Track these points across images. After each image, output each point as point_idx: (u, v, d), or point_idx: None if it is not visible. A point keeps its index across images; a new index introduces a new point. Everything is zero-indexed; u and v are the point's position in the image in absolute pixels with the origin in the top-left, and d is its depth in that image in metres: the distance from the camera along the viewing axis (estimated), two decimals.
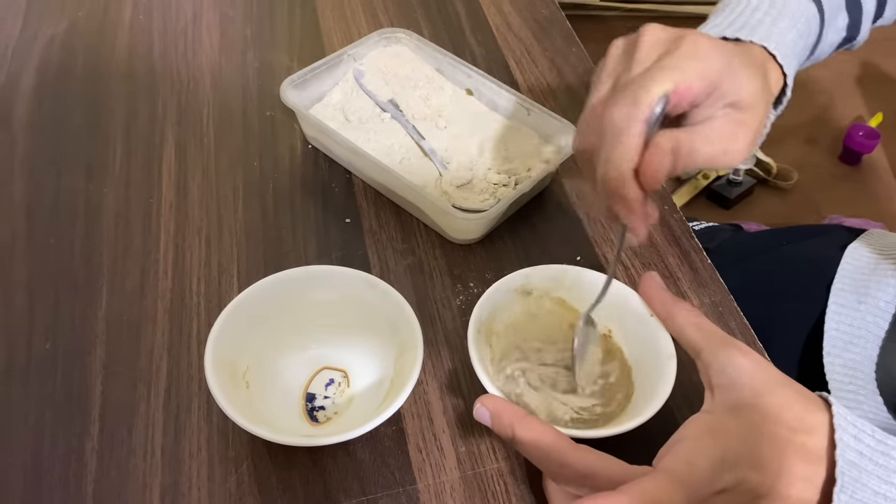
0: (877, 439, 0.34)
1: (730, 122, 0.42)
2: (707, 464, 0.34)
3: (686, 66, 0.40)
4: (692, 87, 0.40)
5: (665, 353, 0.44)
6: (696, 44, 0.41)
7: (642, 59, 0.41)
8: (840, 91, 1.85)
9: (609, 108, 0.40)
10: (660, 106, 0.39)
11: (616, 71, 0.42)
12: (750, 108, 0.42)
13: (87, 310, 0.52)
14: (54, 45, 0.73)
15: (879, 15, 0.57)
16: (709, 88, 0.41)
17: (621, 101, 0.39)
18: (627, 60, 0.42)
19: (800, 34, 0.48)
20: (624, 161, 0.39)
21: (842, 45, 0.56)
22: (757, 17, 0.47)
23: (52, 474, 0.44)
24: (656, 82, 0.39)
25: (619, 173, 0.39)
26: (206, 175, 0.61)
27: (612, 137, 0.39)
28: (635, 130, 0.39)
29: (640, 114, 0.39)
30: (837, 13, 0.53)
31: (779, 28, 0.46)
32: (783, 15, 0.47)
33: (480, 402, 0.39)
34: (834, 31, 0.54)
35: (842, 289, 0.60)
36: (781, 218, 1.58)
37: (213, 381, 0.42)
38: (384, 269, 0.55)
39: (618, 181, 0.40)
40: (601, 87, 0.42)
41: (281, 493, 0.44)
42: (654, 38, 0.42)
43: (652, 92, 0.39)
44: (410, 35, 0.68)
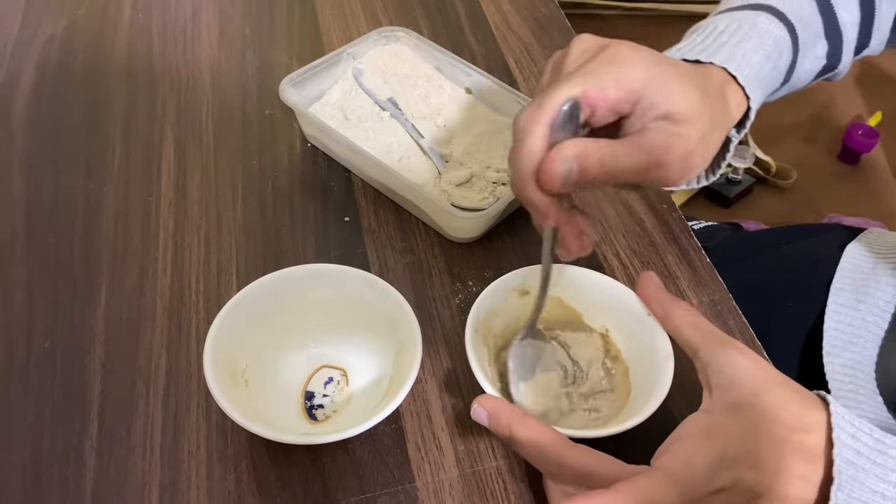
0: (874, 438, 0.34)
1: (663, 134, 0.41)
2: (704, 463, 0.34)
3: (601, 71, 0.40)
4: (606, 93, 0.39)
5: (663, 353, 0.44)
6: (617, 52, 0.41)
7: (567, 68, 0.41)
8: (839, 90, 1.85)
9: (518, 115, 0.40)
10: (565, 108, 0.39)
11: (544, 82, 0.43)
12: (687, 122, 0.41)
13: (86, 308, 0.52)
14: (53, 44, 0.73)
15: (864, 45, 0.56)
16: (630, 96, 0.40)
17: (528, 107, 0.40)
18: (556, 72, 0.42)
19: (767, 56, 0.47)
20: (523, 163, 0.39)
21: (822, 74, 0.55)
22: (721, 40, 0.46)
23: (50, 473, 0.44)
24: (562, 87, 0.39)
25: (520, 175, 0.39)
26: (205, 173, 0.61)
27: (518, 139, 0.40)
28: (537, 133, 0.39)
29: (541, 116, 0.39)
30: (816, 40, 0.52)
31: (742, 49, 0.46)
32: (749, 37, 0.46)
33: (478, 403, 0.39)
34: (812, 59, 0.53)
35: (841, 288, 0.60)
36: (780, 217, 1.58)
37: (212, 379, 0.42)
38: (383, 267, 0.55)
39: (519, 183, 0.40)
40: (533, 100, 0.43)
41: (280, 491, 0.44)
42: (581, 47, 0.42)
43: (556, 96, 0.39)
44: (410, 34, 0.68)
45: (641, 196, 0.61)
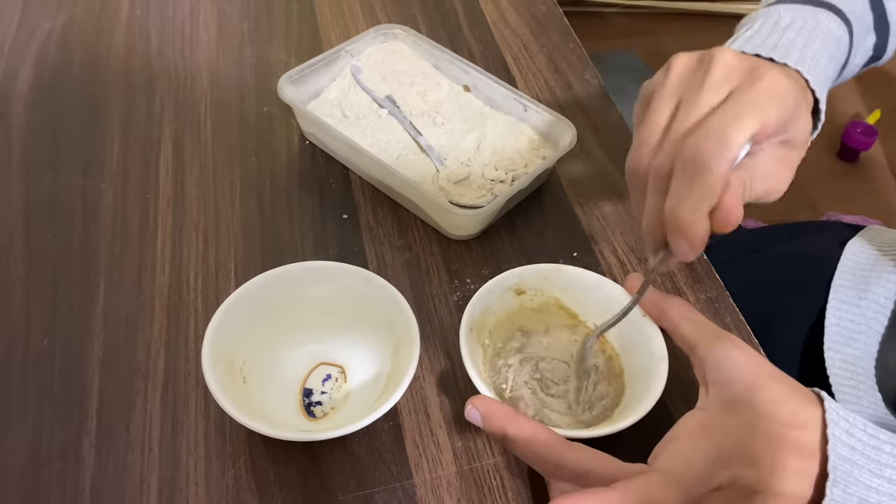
0: (868, 433, 0.34)
1: (777, 160, 0.41)
2: (702, 461, 0.34)
3: (769, 106, 0.38)
4: (772, 129, 0.38)
5: (657, 355, 0.44)
6: (777, 82, 0.39)
7: (716, 86, 0.39)
8: (838, 88, 1.85)
9: (693, 141, 0.37)
10: (747, 147, 0.37)
11: (679, 91, 0.40)
12: (796, 148, 0.41)
13: (84, 305, 0.52)
14: (51, 41, 0.73)
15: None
16: (780, 131, 0.39)
17: (709, 137, 0.37)
18: (695, 82, 0.39)
19: (831, 57, 0.46)
20: (704, 201, 0.37)
21: (868, 65, 0.55)
22: (789, 37, 0.44)
23: (49, 469, 0.44)
24: (746, 120, 0.37)
25: (695, 213, 0.37)
26: (203, 171, 0.61)
27: (693, 173, 0.37)
28: (721, 171, 0.37)
29: (729, 154, 0.37)
30: (866, 34, 0.51)
31: (811, 50, 0.44)
32: (815, 37, 0.45)
33: (471, 403, 0.39)
34: (863, 52, 0.52)
35: (842, 284, 0.60)
36: (779, 214, 1.58)
37: (211, 376, 0.42)
38: (381, 264, 0.55)
39: (691, 220, 0.38)
40: (662, 106, 0.40)
41: (278, 487, 0.44)
42: (728, 62, 0.39)
43: (743, 132, 0.37)
44: (408, 31, 0.68)
45: None
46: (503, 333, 0.50)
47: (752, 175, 0.40)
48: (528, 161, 0.60)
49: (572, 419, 0.46)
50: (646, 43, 1.91)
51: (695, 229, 0.38)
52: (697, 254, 0.39)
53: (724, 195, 0.38)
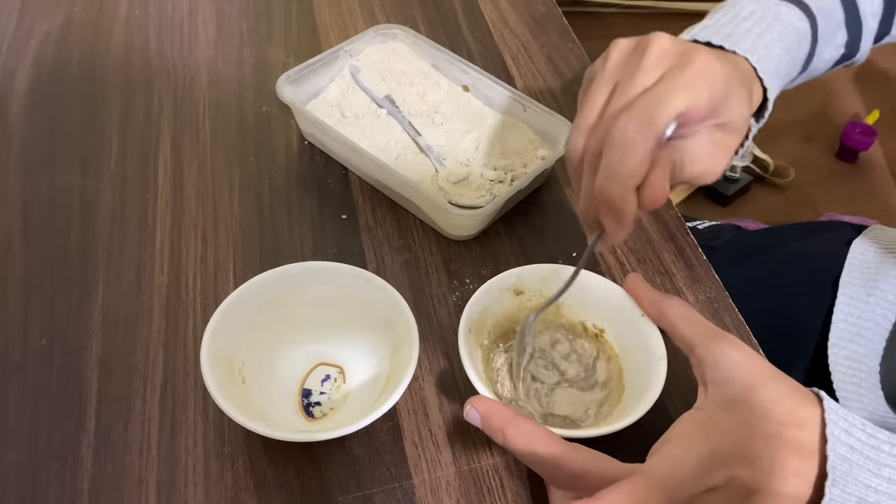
0: (867, 433, 0.34)
1: (712, 143, 0.42)
2: (693, 462, 0.34)
3: (698, 87, 0.39)
4: (701, 110, 0.39)
5: (656, 355, 0.44)
6: (708, 65, 0.40)
7: (649, 68, 0.40)
8: (837, 88, 1.85)
9: (621, 120, 0.38)
10: (672, 126, 0.38)
11: (617, 74, 0.41)
12: (733, 132, 0.42)
13: (82, 306, 0.52)
14: (50, 40, 0.73)
15: (886, 32, 0.56)
16: (710, 113, 0.40)
17: (636, 115, 0.38)
18: (631, 66, 0.41)
19: (787, 48, 0.47)
20: (630, 178, 0.38)
21: (841, 62, 0.55)
22: (745, 27, 0.46)
23: (47, 470, 0.44)
24: (673, 100, 0.38)
25: (623, 189, 0.38)
26: (202, 171, 0.61)
27: (620, 150, 0.38)
28: (646, 148, 0.38)
29: (654, 131, 0.38)
30: (836, 30, 0.52)
31: (765, 40, 0.45)
32: (772, 27, 0.46)
33: (470, 404, 0.39)
34: (832, 48, 0.53)
35: (850, 282, 0.60)
36: (778, 215, 1.58)
37: (209, 376, 0.42)
38: (380, 265, 0.55)
39: (619, 196, 0.39)
40: (599, 90, 0.41)
41: (277, 488, 0.44)
42: (663, 47, 0.41)
43: (669, 110, 0.38)
44: (407, 31, 0.68)
45: None
46: (501, 334, 0.49)
47: (686, 156, 0.41)
48: (527, 161, 0.60)
49: (572, 411, 0.46)
50: None
51: (621, 205, 0.39)
52: (627, 230, 0.41)
53: (651, 172, 0.39)
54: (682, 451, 0.35)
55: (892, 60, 1.90)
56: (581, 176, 0.42)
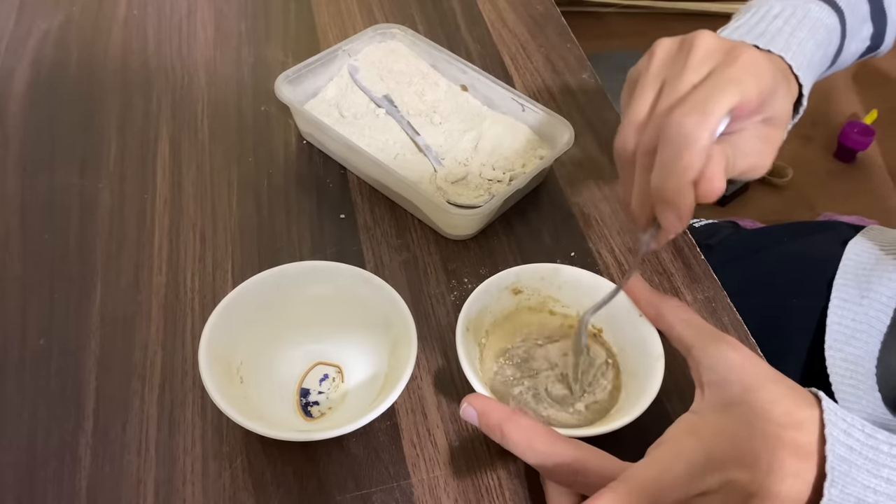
0: (866, 433, 0.34)
1: (759, 138, 0.42)
2: (684, 466, 0.34)
3: (748, 81, 0.39)
4: (752, 104, 0.39)
5: (653, 354, 0.44)
6: (755, 60, 0.40)
7: (696, 66, 0.40)
8: (835, 88, 1.86)
9: (676, 115, 0.38)
10: (726, 120, 0.39)
11: (663, 73, 0.41)
12: (778, 126, 0.42)
13: (81, 305, 0.52)
14: (48, 40, 0.73)
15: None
16: (760, 108, 0.40)
17: (691, 110, 0.38)
18: (678, 64, 0.41)
19: (818, 44, 0.47)
20: (689, 171, 0.38)
21: (866, 54, 0.56)
22: (777, 25, 0.46)
23: (45, 470, 0.44)
24: (726, 94, 0.38)
25: (680, 183, 0.38)
26: (200, 170, 0.61)
27: (676, 145, 0.38)
28: (704, 142, 0.38)
29: (710, 125, 0.38)
30: (862, 24, 0.52)
31: (797, 38, 0.46)
32: (803, 25, 0.46)
33: (467, 402, 0.39)
34: (859, 41, 0.53)
35: (844, 284, 0.60)
36: (776, 215, 1.58)
37: (208, 376, 0.42)
38: (378, 264, 0.55)
39: (677, 191, 0.39)
40: (647, 89, 0.41)
41: (275, 488, 0.44)
42: (709, 45, 0.41)
43: (723, 103, 0.38)
44: (405, 31, 0.68)
45: None
46: (500, 333, 0.49)
47: (736, 151, 0.41)
48: (525, 161, 0.60)
49: (565, 412, 0.46)
50: (644, 43, 1.91)
51: (680, 198, 0.39)
52: (685, 225, 0.41)
53: (708, 165, 0.39)
54: (672, 455, 0.35)
55: (891, 61, 1.91)
56: (632, 174, 0.42)
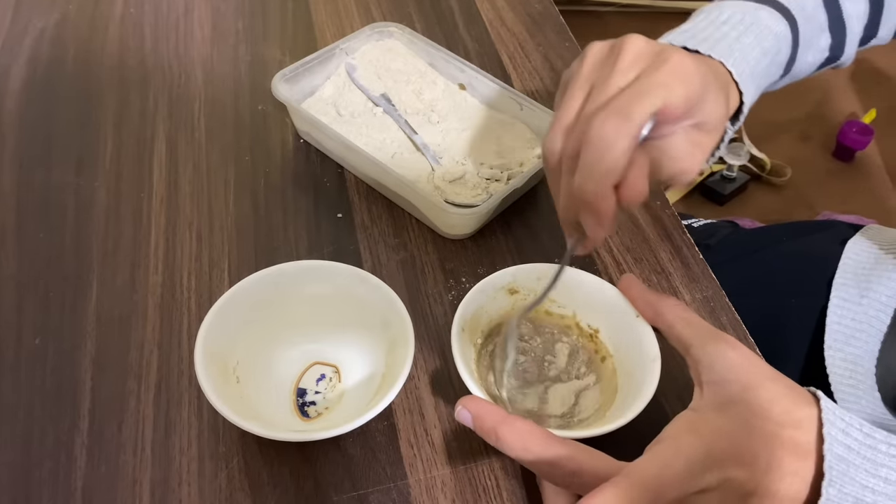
0: (864, 433, 0.34)
1: (689, 142, 0.42)
2: (683, 464, 0.34)
3: (674, 85, 0.39)
4: (678, 109, 0.39)
5: (650, 355, 0.44)
6: (682, 64, 0.40)
7: (624, 70, 0.40)
8: (834, 88, 1.86)
9: (598, 119, 0.38)
10: (649, 124, 0.39)
11: (593, 76, 0.41)
12: (710, 131, 0.42)
13: (76, 305, 0.52)
14: (45, 38, 0.73)
15: (872, 36, 0.56)
16: (687, 112, 0.40)
17: (613, 114, 0.38)
18: (607, 67, 0.41)
19: (764, 52, 0.47)
20: (609, 176, 0.38)
21: (826, 65, 0.55)
22: (723, 31, 0.46)
23: (41, 470, 0.44)
24: (650, 98, 0.38)
25: (601, 188, 0.39)
26: (197, 169, 0.61)
27: (597, 149, 0.38)
28: (624, 146, 0.38)
29: (632, 129, 0.38)
30: (819, 34, 0.52)
31: (741, 44, 0.45)
32: (749, 31, 0.46)
33: (462, 405, 0.39)
34: (816, 52, 0.53)
35: (844, 283, 0.60)
36: (775, 214, 1.58)
37: (203, 376, 0.42)
38: (376, 263, 0.55)
39: (597, 195, 0.39)
40: (576, 92, 0.41)
41: (271, 488, 0.43)
42: (637, 48, 0.41)
43: (646, 107, 0.38)
44: (403, 29, 0.68)
45: None
46: (496, 333, 0.49)
47: (664, 155, 0.41)
48: (523, 160, 0.60)
49: (565, 411, 0.46)
50: None
51: (600, 203, 0.39)
52: (607, 231, 0.41)
53: (630, 170, 0.39)
54: (672, 452, 0.35)
55: (889, 60, 1.91)
56: (559, 178, 0.42)
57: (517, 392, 0.47)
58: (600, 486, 0.33)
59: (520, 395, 0.47)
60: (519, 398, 0.47)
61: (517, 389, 0.47)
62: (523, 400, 0.47)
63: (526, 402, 0.47)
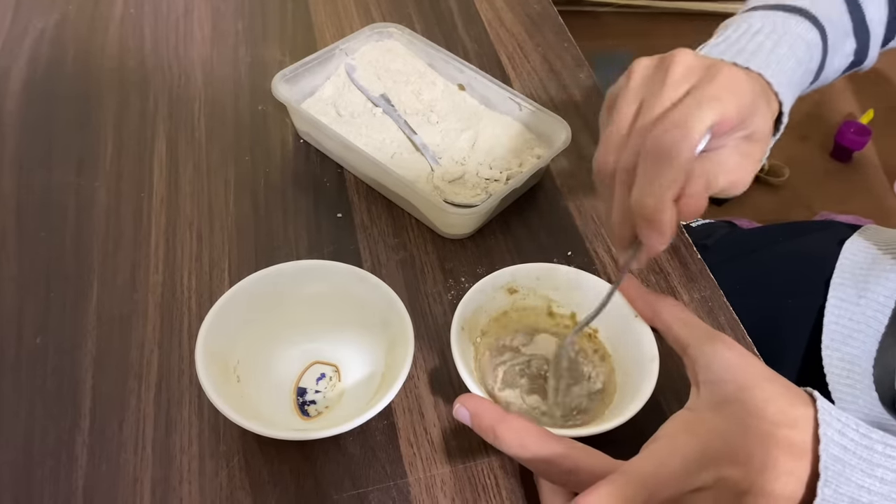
0: (860, 433, 0.34)
1: (740, 154, 0.42)
2: (679, 463, 0.34)
3: (727, 98, 0.39)
4: (732, 121, 0.39)
5: (648, 355, 0.44)
6: (733, 77, 0.40)
7: (675, 84, 0.40)
8: (832, 88, 1.86)
9: (657, 131, 0.39)
10: (707, 136, 0.39)
11: (642, 91, 0.41)
12: (759, 142, 0.43)
13: (77, 304, 0.52)
14: (45, 39, 0.73)
15: (892, 37, 0.56)
16: (740, 124, 0.41)
17: (672, 126, 0.38)
18: (657, 82, 0.41)
19: (799, 61, 0.47)
20: (670, 188, 0.38)
21: (850, 69, 0.56)
22: (757, 41, 0.46)
23: (42, 469, 0.44)
24: (706, 111, 0.38)
25: (661, 200, 0.38)
26: (197, 169, 0.61)
27: (657, 162, 0.38)
28: (684, 158, 0.38)
29: (692, 140, 0.38)
30: (844, 39, 0.52)
31: (777, 55, 0.45)
32: (783, 41, 0.46)
33: (460, 402, 0.39)
34: (841, 57, 0.53)
35: (841, 283, 0.60)
36: (773, 214, 1.58)
37: (204, 375, 0.42)
38: (376, 263, 0.55)
39: (657, 208, 0.39)
40: (627, 107, 0.41)
41: (272, 487, 0.44)
42: (687, 62, 0.41)
43: (704, 121, 0.38)
44: (403, 30, 0.68)
45: None
46: (495, 332, 0.50)
47: (717, 168, 0.42)
48: (522, 160, 0.60)
49: (549, 420, 0.46)
50: (641, 43, 1.91)
51: (661, 216, 0.39)
52: (666, 243, 0.41)
53: (689, 182, 0.39)
54: (668, 450, 0.35)
55: (887, 61, 1.91)
56: (612, 192, 0.42)
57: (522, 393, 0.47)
58: (596, 484, 0.33)
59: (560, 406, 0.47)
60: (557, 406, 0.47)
61: (524, 391, 0.48)
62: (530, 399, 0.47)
63: (524, 403, 0.47)
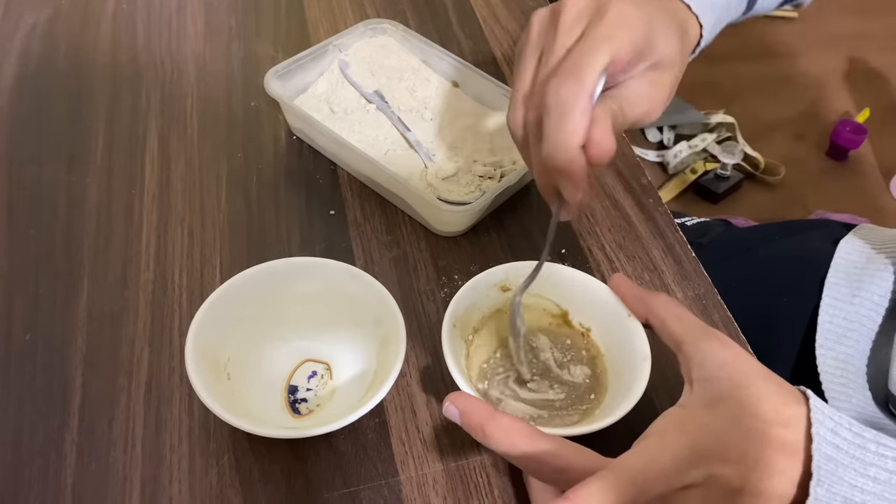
0: (853, 432, 0.34)
1: (648, 83, 0.43)
2: (669, 459, 0.34)
3: (618, 35, 0.40)
4: (626, 57, 0.40)
5: (640, 355, 0.44)
6: (622, 12, 0.40)
7: (567, 30, 0.41)
8: (828, 87, 1.86)
9: (552, 84, 0.39)
10: (602, 79, 0.39)
11: (541, 42, 0.42)
12: (667, 68, 0.43)
13: (67, 301, 0.51)
14: (36, 34, 0.72)
15: None
16: (637, 58, 0.41)
17: (565, 77, 0.39)
18: (551, 31, 0.41)
19: None
20: (573, 138, 0.39)
21: (788, 2, 0.56)
22: None
23: (30, 467, 0.44)
24: (597, 54, 0.39)
25: (568, 151, 0.39)
26: (189, 166, 0.61)
27: (556, 114, 0.39)
28: (581, 108, 0.38)
29: (586, 89, 0.38)
30: None
31: None
32: None
33: (449, 400, 0.38)
34: None
35: (836, 282, 0.60)
36: (768, 212, 1.58)
37: (194, 372, 0.42)
38: (368, 261, 0.55)
39: (566, 160, 0.39)
40: (527, 61, 0.42)
41: (262, 485, 0.43)
42: (578, 6, 0.41)
43: (595, 66, 0.39)
44: (397, 26, 0.68)
45: (628, 190, 0.61)
46: (488, 330, 0.49)
47: (624, 102, 0.42)
48: (516, 157, 0.60)
49: (541, 419, 0.46)
50: None
51: (571, 167, 0.40)
52: (582, 192, 0.41)
53: (593, 128, 0.39)
54: (658, 447, 0.35)
55: (883, 59, 1.91)
56: (528, 149, 0.43)
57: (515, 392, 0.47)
58: (586, 480, 0.33)
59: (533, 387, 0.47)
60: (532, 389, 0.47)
61: (534, 369, 0.47)
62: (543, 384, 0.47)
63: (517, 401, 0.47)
